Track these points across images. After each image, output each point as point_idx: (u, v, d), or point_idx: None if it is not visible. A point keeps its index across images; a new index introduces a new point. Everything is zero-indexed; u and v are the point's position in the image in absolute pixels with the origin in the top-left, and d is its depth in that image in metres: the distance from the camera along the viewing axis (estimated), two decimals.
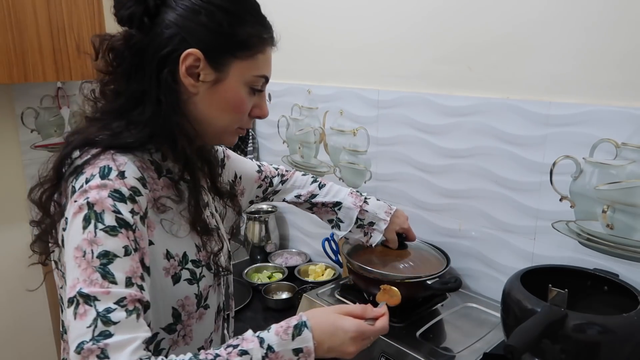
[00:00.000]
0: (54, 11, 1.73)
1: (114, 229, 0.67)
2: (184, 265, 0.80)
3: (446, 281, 1.17)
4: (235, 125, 0.84)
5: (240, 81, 0.80)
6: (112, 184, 0.69)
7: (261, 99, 0.86)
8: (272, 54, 0.85)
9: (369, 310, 0.80)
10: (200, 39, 0.75)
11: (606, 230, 1.07)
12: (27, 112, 2.00)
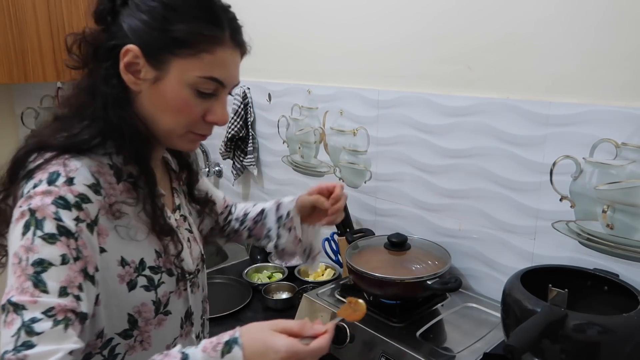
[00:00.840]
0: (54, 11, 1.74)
1: (53, 236, 0.66)
2: (141, 272, 0.78)
3: (446, 281, 1.17)
4: (182, 128, 0.79)
5: (182, 82, 0.75)
6: (58, 191, 0.68)
7: (216, 103, 0.79)
8: (233, 57, 0.78)
9: (307, 328, 0.70)
10: (139, 35, 0.73)
11: (606, 230, 1.07)
12: (27, 112, 2.00)
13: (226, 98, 0.81)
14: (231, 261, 1.88)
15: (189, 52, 0.73)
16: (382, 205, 1.54)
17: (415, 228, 1.45)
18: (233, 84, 0.81)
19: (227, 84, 0.79)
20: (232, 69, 0.79)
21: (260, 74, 1.88)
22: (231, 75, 0.79)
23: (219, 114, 0.79)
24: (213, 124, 0.81)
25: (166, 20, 0.73)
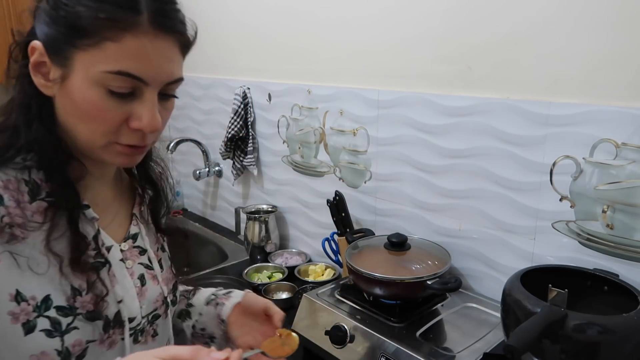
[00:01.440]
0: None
1: None
2: (42, 312, 0.64)
3: (446, 281, 1.17)
4: (101, 138, 0.65)
5: (87, 79, 0.61)
6: None
7: (139, 106, 0.63)
8: (155, 45, 0.62)
9: (201, 356, 0.56)
10: (42, 29, 0.63)
11: (606, 230, 1.07)
12: None
13: (154, 98, 0.64)
14: (231, 261, 1.88)
15: (89, 42, 0.60)
16: (382, 205, 1.54)
17: (415, 228, 1.45)
18: (160, 79, 0.64)
19: (148, 79, 0.62)
20: (154, 60, 0.62)
21: (260, 74, 1.88)
22: (152, 68, 0.62)
23: (143, 119, 0.63)
24: (139, 131, 0.65)
25: (65, 6, 0.60)
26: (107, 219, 0.77)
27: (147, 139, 0.67)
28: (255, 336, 0.87)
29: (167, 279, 0.85)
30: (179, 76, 0.68)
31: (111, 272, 0.73)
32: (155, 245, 0.85)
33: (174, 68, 0.66)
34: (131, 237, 0.79)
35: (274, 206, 1.92)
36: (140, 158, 0.71)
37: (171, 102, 0.71)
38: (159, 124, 0.65)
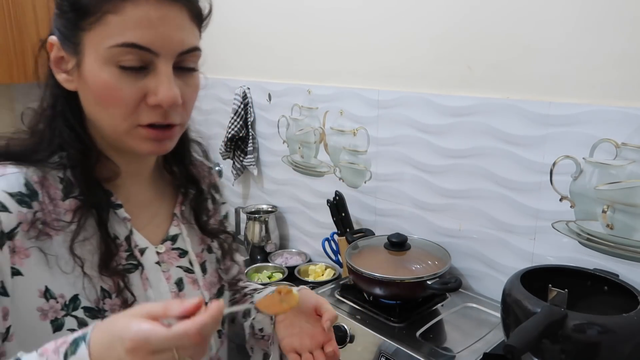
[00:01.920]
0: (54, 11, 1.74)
1: None
2: (70, 311, 0.63)
3: (446, 281, 1.17)
4: (123, 122, 0.62)
5: (98, 60, 0.60)
6: None
7: (154, 79, 0.60)
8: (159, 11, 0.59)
9: (174, 307, 0.50)
10: (55, 23, 0.63)
11: (606, 230, 1.07)
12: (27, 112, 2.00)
13: (168, 70, 0.61)
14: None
15: (92, 19, 0.59)
16: (382, 205, 1.54)
17: (415, 228, 1.45)
18: (170, 48, 0.60)
19: (157, 48, 0.59)
20: (160, 27, 0.59)
21: (260, 74, 1.88)
22: (159, 36, 0.59)
23: (159, 92, 0.60)
24: (158, 107, 0.61)
25: None
26: (144, 219, 0.73)
27: (169, 116, 0.62)
28: (303, 339, 0.76)
29: (211, 283, 0.79)
30: (192, 45, 0.63)
31: (144, 275, 0.70)
32: (199, 246, 0.79)
33: (184, 36, 0.62)
34: (170, 238, 0.75)
35: (274, 206, 1.92)
36: (170, 145, 0.66)
37: (193, 77, 0.66)
38: (176, 97, 0.61)
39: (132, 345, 0.46)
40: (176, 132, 0.66)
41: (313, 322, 0.76)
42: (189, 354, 0.47)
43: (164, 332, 0.46)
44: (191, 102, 0.67)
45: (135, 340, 0.46)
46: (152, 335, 0.46)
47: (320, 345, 0.72)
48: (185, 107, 0.66)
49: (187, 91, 0.64)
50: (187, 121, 0.69)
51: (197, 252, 0.78)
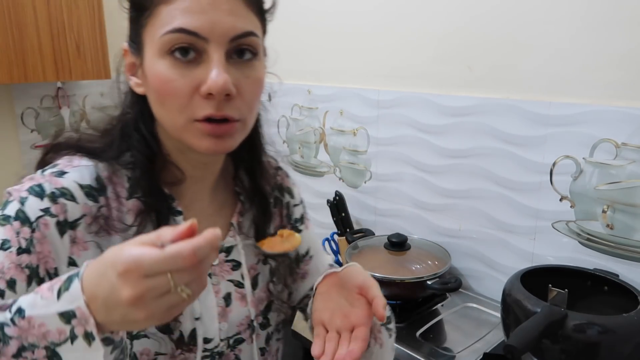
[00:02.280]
0: (54, 11, 1.73)
1: (7, 218, 0.58)
2: None
3: (446, 281, 1.17)
4: (179, 117, 0.59)
5: (154, 54, 0.59)
6: (40, 179, 0.61)
7: (206, 68, 0.58)
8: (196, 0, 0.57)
9: (166, 232, 0.46)
10: (128, 30, 0.64)
11: (606, 230, 1.07)
12: (27, 112, 2.00)
13: (218, 57, 0.58)
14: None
15: (148, 13, 0.59)
16: (382, 205, 1.54)
17: (415, 228, 1.45)
18: (219, 33, 0.57)
19: (206, 33, 0.57)
20: (210, 12, 0.57)
21: None
22: (208, 20, 0.57)
23: (209, 79, 0.57)
24: (210, 97, 0.58)
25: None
26: (201, 228, 0.69)
27: (223, 108, 0.58)
28: (335, 315, 0.67)
29: (260, 299, 0.75)
30: (245, 29, 0.59)
31: None
32: (255, 257, 0.76)
33: (236, 21, 0.58)
34: (224, 250, 0.72)
35: None
36: (230, 143, 0.62)
37: (253, 67, 0.61)
38: (225, 83, 0.57)
39: (124, 268, 0.42)
40: (236, 129, 0.61)
41: (352, 301, 0.68)
42: (185, 281, 0.43)
43: (156, 252, 0.42)
44: (251, 95, 0.61)
45: (126, 263, 0.42)
46: (144, 256, 0.42)
47: (351, 327, 0.63)
48: (244, 100, 0.61)
49: (245, 83, 0.60)
50: (248, 118, 0.63)
51: (252, 263, 0.75)
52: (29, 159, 2.02)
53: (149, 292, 0.42)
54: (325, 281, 0.72)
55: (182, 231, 0.45)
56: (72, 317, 0.44)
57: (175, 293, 0.43)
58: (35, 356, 0.45)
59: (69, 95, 2.09)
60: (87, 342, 0.45)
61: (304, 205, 0.86)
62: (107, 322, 0.44)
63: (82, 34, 1.80)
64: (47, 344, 0.45)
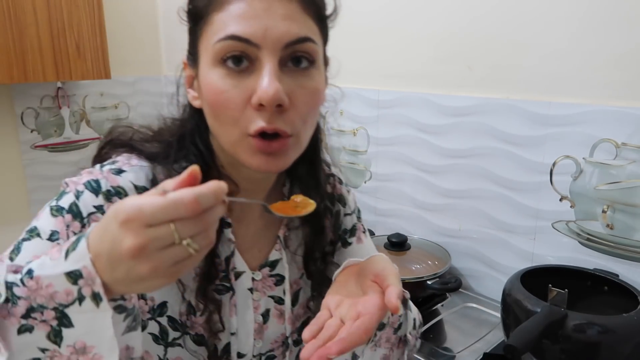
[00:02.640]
0: (54, 11, 1.73)
1: (60, 210, 0.57)
2: (155, 316, 0.63)
3: (446, 281, 1.17)
4: (233, 130, 0.57)
5: (207, 62, 0.57)
6: (99, 174, 0.60)
7: (258, 77, 0.54)
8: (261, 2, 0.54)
9: (167, 183, 0.44)
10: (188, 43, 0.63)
11: (606, 230, 1.07)
12: (27, 112, 2.00)
13: (271, 64, 0.54)
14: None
15: (202, 22, 0.57)
16: (382, 205, 1.54)
17: (415, 228, 1.45)
18: (272, 38, 0.54)
19: (258, 39, 0.54)
20: (264, 17, 0.54)
21: None
22: (261, 26, 0.54)
23: (259, 88, 0.53)
24: (261, 108, 0.54)
25: (189, 3, 0.60)
26: (248, 241, 0.69)
27: (274, 120, 0.55)
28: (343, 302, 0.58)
29: (297, 315, 0.74)
30: (300, 35, 0.55)
31: (233, 301, 0.67)
32: (299, 271, 0.74)
33: (291, 26, 0.55)
34: (269, 264, 0.70)
35: None
36: (284, 162, 0.58)
37: (309, 77, 0.57)
38: (276, 92, 0.53)
39: (125, 217, 0.40)
40: (289, 145, 0.57)
41: (365, 290, 0.60)
42: (190, 233, 0.41)
43: (158, 199, 0.41)
44: (306, 107, 0.57)
45: (127, 212, 0.40)
46: (146, 204, 0.40)
47: (356, 316, 0.56)
48: (298, 113, 0.56)
49: (300, 93, 0.56)
50: (302, 132, 0.58)
51: (295, 278, 0.73)
52: (29, 159, 2.02)
53: (151, 243, 0.40)
54: (346, 270, 0.66)
55: (184, 178, 0.43)
56: (78, 277, 0.43)
57: (180, 246, 0.41)
58: (44, 317, 0.44)
59: (69, 95, 2.09)
60: (95, 303, 0.44)
61: (358, 215, 0.81)
62: (113, 280, 0.43)
63: (82, 34, 1.80)
64: (56, 305, 0.44)
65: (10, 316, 0.44)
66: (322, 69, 0.61)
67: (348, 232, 0.79)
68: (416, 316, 0.71)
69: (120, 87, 2.22)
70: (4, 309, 0.44)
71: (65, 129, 2.10)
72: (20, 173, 2.02)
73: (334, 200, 0.77)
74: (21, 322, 0.44)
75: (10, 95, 1.95)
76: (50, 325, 0.44)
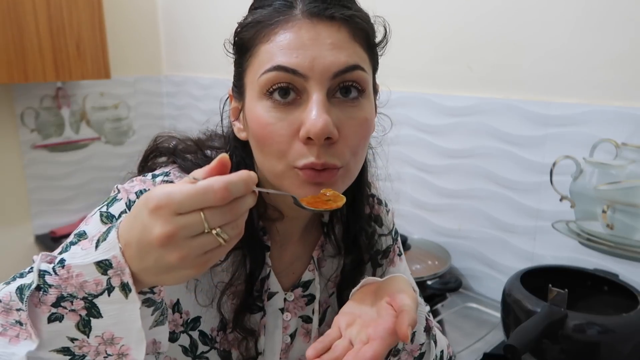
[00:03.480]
0: (54, 11, 1.73)
1: (110, 217, 0.57)
2: (188, 330, 0.63)
3: (446, 281, 1.17)
4: (278, 162, 0.55)
5: (253, 95, 0.56)
6: (151, 184, 0.60)
7: (306, 110, 0.53)
8: (308, 32, 0.53)
9: (197, 171, 0.44)
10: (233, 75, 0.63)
11: (606, 230, 1.07)
12: (27, 112, 2.00)
13: (319, 96, 0.53)
14: None
15: (249, 54, 0.57)
16: None
17: (415, 228, 1.45)
18: (320, 68, 0.52)
19: (305, 70, 0.52)
20: (311, 47, 0.52)
21: None
22: (308, 55, 0.52)
23: (307, 121, 0.52)
24: (309, 142, 0.53)
25: (235, 33, 0.59)
26: (284, 263, 0.69)
27: (323, 155, 0.53)
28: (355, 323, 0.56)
29: (323, 333, 0.75)
30: (349, 63, 0.54)
31: (263, 322, 0.67)
32: (329, 290, 0.73)
33: (339, 55, 0.53)
34: (302, 285, 0.69)
35: None
36: None
37: (359, 107, 0.56)
38: (325, 125, 0.51)
39: (155, 204, 0.40)
40: (338, 176, 0.55)
41: (378, 311, 0.57)
42: (219, 222, 0.41)
43: (188, 187, 0.41)
44: (355, 138, 0.56)
45: (157, 199, 0.40)
46: (175, 191, 0.40)
47: (366, 340, 0.54)
48: (348, 144, 0.55)
49: (349, 124, 0.55)
50: (352, 163, 0.57)
51: (325, 297, 0.72)
52: (29, 159, 2.02)
53: (181, 231, 0.40)
54: (363, 288, 0.64)
55: (214, 166, 0.43)
56: (108, 267, 0.43)
57: (209, 235, 0.41)
58: (74, 307, 0.44)
59: (69, 95, 2.09)
60: (124, 294, 0.44)
61: (395, 237, 0.79)
62: (142, 269, 0.43)
63: (82, 34, 1.80)
64: (85, 295, 0.44)
65: (41, 304, 0.44)
66: (372, 98, 0.60)
67: (381, 253, 0.77)
68: (445, 348, 0.69)
69: (120, 87, 2.22)
70: (35, 296, 0.44)
71: (65, 129, 2.10)
72: (20, 173, 2.02)
73: (370, 221, 0.75)
74: (51, 311, 0.44)
75: (10, 95, 1.95)
76: (79, 314, 0.45)
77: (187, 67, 2.21)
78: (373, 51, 0.60)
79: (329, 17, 0.54)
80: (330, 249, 0.71)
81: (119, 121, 2.25)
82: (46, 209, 2.09)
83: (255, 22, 0.55)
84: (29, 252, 2.07)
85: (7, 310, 0.45)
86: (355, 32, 0.56)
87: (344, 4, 0.56)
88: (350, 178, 0.58)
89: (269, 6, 0.55)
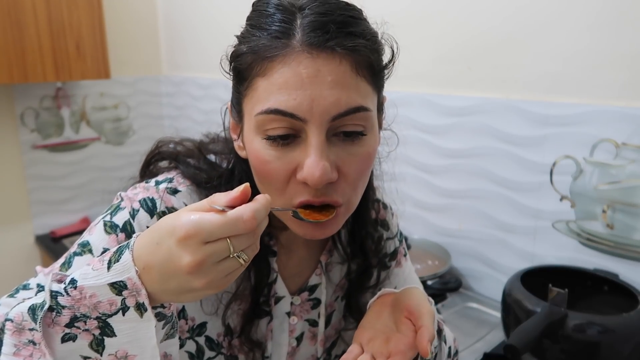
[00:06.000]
0: (54, 11, 1.73)
1: (114, 227, 0.57)
2: (194, 336, 0.63)
3: (446, 281, 1.17)
4: (278, 200, 0.54)
5: (250, 128, 0.54)
6: (154, 192, 0.59)
7: (304, 151, 0.51)
8: (306, 67, 0.50)
9: (217, 197, 0.44)
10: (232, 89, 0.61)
11: (606, 230, 1.07)
12: (27, 112, 2.00)
13: (318, 139, 0.51)
14: None
15: (246, 84, 0.54)
16: None
17: (415, 228, 1.45)
18: (320, 111, 0.50)
19: (304, 114, 0.50)
20: (310, 87, 0.50)
21: None
22: (307, 98, 0.49)
23: (304, 167, 0.51)
24: (305, 185, 0.52)
25: (234, 54, 0.57)
26: (291, 269, 0.68)
27: (323, 194, 0.52)
28: (376, 338, 0.58)
29: (329, 336, 0.73)
30: (350, 105, 0.51)
31: (270, 327, 0.67)
32: (335, 294, 0.72)
33: (341, 95, 0.50)
34: (308, 289, 0.69)
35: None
36: (332, 229, 0.56)
37: (361, 143, 0.54)
38: (323, 173, 0.50)
39: (184, 234, 0.41)
40: (339, 213, 0.55)
41: (399, 326, 0.59)
42: (243, 245, 0.43)
43: (217, 217, 0.41)
44: (357, 174, 0.55)
45: (186, 228, 0.41)
46: (205, 221, 0.41)
47: (387, 354, 0.55)
48: (348, 182, 0.54)
49: (350, 161, 0.53)
50: (352, 198, 0.56)
51: (330, 301, 0.72)
52: (29, 159, 2.02)
53: (209, 258, 0.41)
54: (380, 300, 0.64)
55: (237, 195, 0.43)
56: (123, 289, 0.44)
57: (233, 258, 0.43)
58: (87, 326, 0.45)
59: (69, 95, 2.09)
60: (139, 314, 0.45)
61: (400, 239, 0.79)
62: (162, 291, 0.44)
63: (82, 34, 1.80)
64: (99, 315, 0.44)
65: (54, 324, 0.45)
66: (376, 130, 0.57)
67: (388, 256, 0.77)
68: (452, 344, 0.71)
69: (120, 87, 2.22)
70: (48, 317, 0.45)
71: (65, 129, 2.10)
72: (20, 173, 2.02)
73: (377, 226, 0.75)
74: (65, 331, 0.45)
75: (10, 95, 1.95)
76: (92, 334, 0.45)
77: (187, 67, 2.21)
78: (379, 76, 0.57)
79: (330, 49, 0.50)
80: (338, 254, 0.72)
81: (119, 121, 2.25)
82: (46, 209, 2.09)
83: (252, 52, 0.52)
84: (29, 252, 2.07)
85: (19, 330, 0.45)
86: (358, 64, 0.52)
87: (348, 30, 0.53)
88: (350, 211, 0.58)
89: (266, 29, 0.52)
